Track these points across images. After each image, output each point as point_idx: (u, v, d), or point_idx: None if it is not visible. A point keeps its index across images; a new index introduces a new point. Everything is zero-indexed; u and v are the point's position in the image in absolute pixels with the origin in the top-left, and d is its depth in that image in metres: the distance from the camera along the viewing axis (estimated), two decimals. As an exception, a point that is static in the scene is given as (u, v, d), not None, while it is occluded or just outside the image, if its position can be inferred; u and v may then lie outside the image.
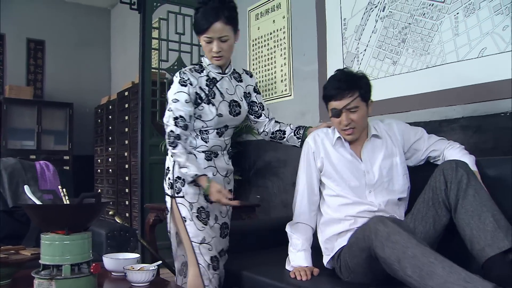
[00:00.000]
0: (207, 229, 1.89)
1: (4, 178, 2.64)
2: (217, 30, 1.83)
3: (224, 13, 1.83)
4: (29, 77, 6.37)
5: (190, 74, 1.91)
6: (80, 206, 1.49)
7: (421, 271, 1.39)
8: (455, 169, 1.63)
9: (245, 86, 2.08)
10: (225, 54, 1.90)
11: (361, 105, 1.86)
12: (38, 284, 1.42)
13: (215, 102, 1.92)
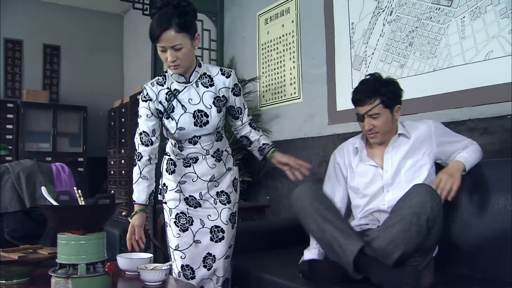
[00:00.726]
0: (184, 236, 1.91)
1: (22, 179, 2.71)
2: (168, 39, 1.72)
3: (175, 20, 1.70)
4: (45, 81, 6.49)
5: (150, 89, 1.88)
6: (95, 207, 1.53)
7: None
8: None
9: (218, 90, 1.90)
10: (181, 62, 1.78)
11: (383, 111, 1.89)
12: (55, 282, 1.45)
13: (175, 116, 1.86)
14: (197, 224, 1.93)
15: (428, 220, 1.58)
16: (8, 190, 2.67)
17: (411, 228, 1.57)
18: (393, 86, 1.93)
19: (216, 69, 1.93)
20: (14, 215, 2.64)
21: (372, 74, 1.99)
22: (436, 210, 1.60)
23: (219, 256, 1.91)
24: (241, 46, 4.13)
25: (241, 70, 4.04)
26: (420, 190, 1.63)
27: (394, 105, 1.93)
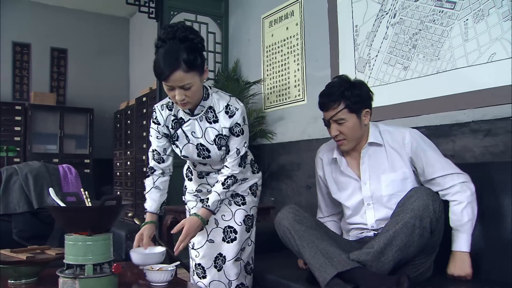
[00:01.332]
0: (199, 234, 1.90)
1: (29, 181, 2.73)
2: (177, 79, 1.61)
3: (184, 58, 1.59)
4: (53, 84, 6.54)
5: (159, 112, 1.86)
6: (102, 208, 1.54)
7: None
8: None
9: (221, 128, 1.80)
10: (190, 100, 1.69)
11: (349, 117, 1.79)
12: (63, 282, 1.46)
13: (179, 144, 1.86)
14: (211, 223, 1.93)
15: (432, 222, 1.57)
16: (16, 191, 2.70)
17: (414, 231, 1.55)
18: (360, 89, 1.81)
19: (224, 103, 1.80)
20: (22, 216, 2.65)
21: (339, 76, 1.89)
22: (438, 212, 1.59)
23: (229, 258, 1.89)
24: (245, 48, 4.14)
25: (245, 72, 4.06)
26: (421, 193, 1.60)
27: (361, 109, 1.81)
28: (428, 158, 1.80)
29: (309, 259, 1.64)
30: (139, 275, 1.75)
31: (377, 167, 1.84)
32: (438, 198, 1.63)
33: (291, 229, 1.72)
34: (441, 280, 1.71)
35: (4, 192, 2.67)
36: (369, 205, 1.84)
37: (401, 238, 1.56)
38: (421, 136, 1.86)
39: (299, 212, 1.77)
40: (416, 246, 1.58)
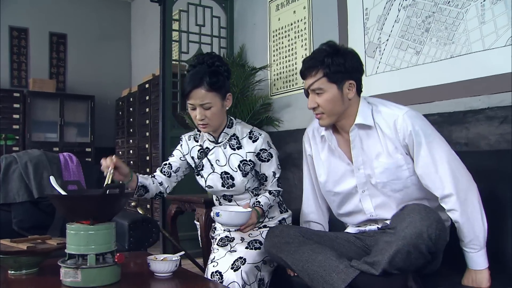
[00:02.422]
0: (221, 249, 1.91)
1: (29, 169, 2.69)
2: (198, 97, 1.76)
3: (207, 79, 1.75)
4: (52, 70, 6.48)
5: (185, 142, 2.00)
6: (104, 197, 1.51)
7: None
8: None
9: (245, 154, 1.89)
10: (210, 122, 1.80)
11: (328, 87, 1.62)
12: (65, 272, 1.44)
13: (204, 173, 1.95)
14: (237, 240, 1.93)
15: (429, 247, 1.41)
16: (15, 180, 2.65)
17: (409, 256, 1.41)
18: (344, 57, 1.62)
19: (247, 130, 1.92)
20: (22, 206, 2.62)
21: (326, 43, 1.69)
22: (435, 236, 1.41)
23: (249, 261, 1.80)
24: (251, 33, 4.07)
25: (251, 58, 4.00)
26: (414, 218, 1.42)
27: (343, 80, 1.62)
28: (420, 156, 1.60)
29: (309, 282, 1.57)
30: (143, 265, 1.72)
31: (369, 151, 1.68)
32: (435, 221, 1.42)
33: (281, 255, 1.65)
34: (448, 272, 1.65)
35: (3, 181, 2.64)
36: (363, 192, 1.71)
37: (396, 262, 1.43)
38: (417, 121, 1.62)
39: (283, 232, 1.68)
40: (415, 265, 1.45)
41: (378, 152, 1.66)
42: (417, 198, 1.65)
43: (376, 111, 1.68)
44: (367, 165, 1.68)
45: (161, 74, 3.88)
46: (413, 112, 1.64)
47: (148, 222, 2.50)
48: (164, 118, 3.85)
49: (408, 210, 1.46)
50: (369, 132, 1.68)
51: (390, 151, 1.64)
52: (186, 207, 2.93)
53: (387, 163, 1.64)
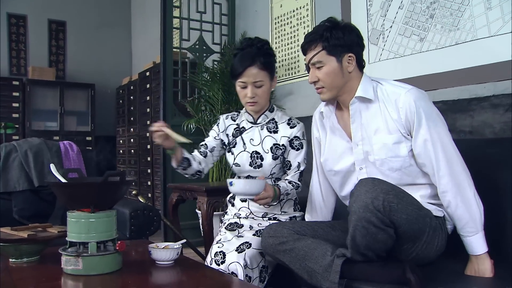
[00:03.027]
0: (229, 234, 1.94)
1: (29, 158, 2.67)
2: (251, 75, 1.85)
3: (260, 59, 1.85)
4: (51, 58, 6.43)
5: (222, 121, 2.07)
6: (105, 184, 1.49)
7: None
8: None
9: (280, 138, 1.95)
10: (259, 100, 1.90)
11: (327, 60, 1.62)
12: (66, 260, 1.44)
13: (235, 151, 2.00)
14: (246, 227, 1.96)
15: (381, 220, 1.38)
16: (15, 168, 2.64)
17: (367, 231, 1.40)
18: (343, 31, 1.63)
19: (286, 117, 2.00)
20: (22, 194, 2.61)
21: (327, 19, 1.70)
22: (384, 206, 1.37)
23: (254, 246, 1.80)
24: (253, 20, 4.04)
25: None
26: (359, 191, 1.41)
27: (342, 53, 1.62)
28: (420, 135, 1.56)
29: (308, 279, 1.56)
30: (144, 254, 1.72)
31: (369, 126, 1.65)
32: (382, 192, 1.39)
33: (278, 256, 1.65)
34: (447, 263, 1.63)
35: (3, 170, 2.62)
36: (361, 169, 1.68)
37: (359, 239, 1.42)
38: (420, 100, 1.57)
39: (277, 232, 1.66)
40: (382, 240, 1.42)
41: (378, 127, 1.63)
42: (415, 183, 1.62)
43: (379, 87, 1.67)
44: (366, 141, 1.66)
45: (162, 61, 3.85)
46: (417, 91, 1.61)
47: (149, 211, 2.49)
48: (165, 106, 3.83)
49: (357, 185, 1.46)
50: (370, 106, 1.66)
51: (390, 127, 1.61)
52: (188, 195, 2.91)
53: (386, 138, 1.61)
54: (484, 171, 1.80)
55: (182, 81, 4.05)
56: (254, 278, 1.75)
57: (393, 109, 1.60)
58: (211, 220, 2.71)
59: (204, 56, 4.07)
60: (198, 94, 4.01)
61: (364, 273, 1.47)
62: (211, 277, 1.51)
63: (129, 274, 1.47)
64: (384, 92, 1.64)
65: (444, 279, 1.46)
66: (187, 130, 3.72)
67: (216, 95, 3.65)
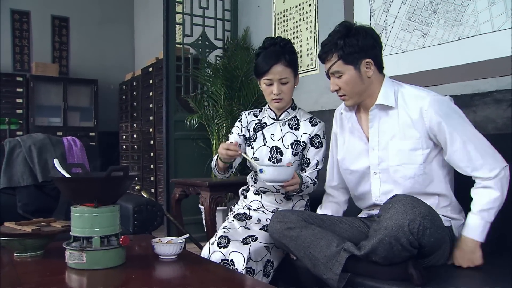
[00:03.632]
0: (236, 222, 1.96)
1: (33, 153, 2.68)
2: (277, 72, 1.87)
3: (285, 56, 1.88)
4: (55, 54, 6.44)
5: (245, 116, 2.09)
6: (108, 179, 1.49)
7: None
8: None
9: (301, 135, 1.97)
10: (285, 96, 1.92)
11: (345, 69, 1.61)
12: (70, 255, 1.44)
13: (255, 145, 2.01)
14: (254, 220, 1.96)
15: (411, 242, 1.37)
16: (19, 164, 2.65)
17: (392, 248, 1.39)
18: (357, 37, 1.60)
19: (308, 116, 2.04)
20: (26, 189, 2.62)
21: (341, 23, 1.68)
22: (418, 231, 1.36)
23: (261, 240, 1.81)
24: (255, 15, 4.03)
25: (255, 40, 3.96)
26: (397, 209, 1.39)
27: (359, 60, 1.61)
28: (448, 145, 1.55)
29: (311, 268, 1.57)
30: (147, 248, 1.72)
31: (386, 132, 1.65)
32: (420, 216, 1.37)
33: (284, 241, 1.65)
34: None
35: (7, 165, 2.63)
36: (375, 174, 1.69)
37: (380, 251, 1.41)
38: (443, 108, 1.56)
39: (285, 217, 1.67)
40: (400, 257, 1.42)
41: (394, 134, 1.63)
42: (426, 192, 1.61)
43: (400, 91, 1.66)
44: (382, 147, 1.66)
45: (165, 57, 3.85)
46: (440, 97, 1.59)
47: (152, 206, 2.50)
48: (168, 102, 3.83)
49: (395, 200, 1.44)
50: (389, 112, 1.66)
51: (406, 133, 1.60)
52: (191, 190, 2.92)
53: (402, 144, 1.61)
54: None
55: (185, 77, 4.05)
56: (258, 271, 1.75)
57: (415, 115, 1.59)
58: (214, 215, 2.72)
59: (206, 51, 4.07)
60: (201, 90, 4.01)
61: (366, 269, 1.48)
62: (214, 271, 1.52)
63: (132, 269, 1.48)
64: (406, 97, 1.63)
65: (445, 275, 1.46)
66: (190, 125, 3.73)
67: (219, 91, 3.65)
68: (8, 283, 1.32)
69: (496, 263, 1.54)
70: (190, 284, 1.37)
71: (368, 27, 1.67)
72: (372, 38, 1.64)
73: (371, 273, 1.46)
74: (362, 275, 1.48)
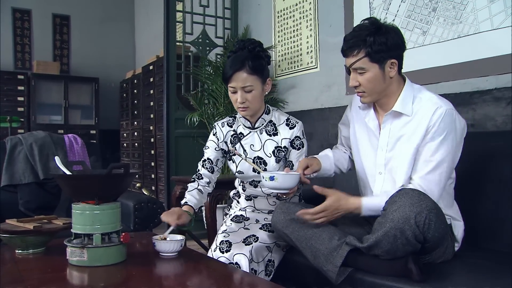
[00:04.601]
0: (235, 225, 1.94)
1: (35, 151, 2.69)
2: (240, 80, 1.78)
3: (249, 63, 1.77)
4: (56, 52, 6.45)
5: (219, 129, 1.99)
6: (109, 176, 1.50)
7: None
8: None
9: (280, 140, 1.91)
10: (250, 105, 1.82)
11: (370, 66, 1.57)
12: (71, 252, 1.45)
13: (236, 159, 1.95)
14: (252, 220, 1.96)
15: (416, 235, 1.38)
16: (21, 161, 2.66)
17: (396, 241, 1.39)
18: (386, 36, 1.56)
19: (284, 117, 1.95)
20: (28, 187, 2.63)
21: (368, 18, 1.63)
22: (424, 224, 1.37)
23: (262, 240, 1.80)
24: (256, 13, 4.03)
25: (255, 38, 3.88)
26: (404, 201, 1.39)
27: (385, 60, 1.57)
28: (430, 148, 1.56)
29: (312, 260, 1.59)
30: (148, 245, 1.73)
31: (395, 135, 1.65)
32: (426, 209, 1.37)
33: (286, 232, 1.67)
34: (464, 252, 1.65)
35: (9, 163, 2.64)
36: (380, 173, 1.70)
37: (384, 244, 1.42)
38: (451, 121, 1.55)
39: (289, 209, 1.70)
40: (403, 251, 1.43)
41: (402, 135, 1.63)
42: None
43: (417, 99, 1.62)
44: (390, 148, 1.66)
45: (165, 55, 3.85)
46: (454, 112, 1.57)
47: (153, 203, 2.51)
48: (169, 99, 3.84)
49: (401, 193, 1.44)
50: (403, 117, 1.64)
51: (413, 137, 1.60)
52: (191, 188, 2.92)
53: (407, 147, 1.61)
54: (486, 164, 1.82)
55: (186, 75, 4.05)
56: (260, 271, 1.76)
57: (425, 119, 1.57)
58: (214, 213, 2.73)
59: (207, 49, 4.07)
60: (201, 88, 4.02)
61: (366, 263, 1.49)
62: (215, 268, 1.52)
63: (133, 266, 1.49)
64: (422, 106, 1.60)
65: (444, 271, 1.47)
66: (191, 123, 3.74)
67: (219, 89, 3.66)
68: (10, 280, 1.33)
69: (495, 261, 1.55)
70: (191, 281, 1.38)
71: (395, 27, 1.64)
72: (400, 38, 1.62)
73: (371, 267, 1.47)
74: (362, 269, 1.49)
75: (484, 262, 1.54)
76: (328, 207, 1.57)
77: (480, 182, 1.83)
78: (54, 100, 6.13)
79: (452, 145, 1.56)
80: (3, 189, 2.58)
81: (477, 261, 1.55)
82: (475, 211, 1.79)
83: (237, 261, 1.72)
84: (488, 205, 1.78)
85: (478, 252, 1.67)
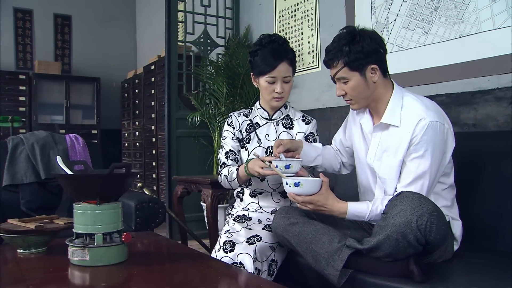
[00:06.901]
0: (237, 225, 1.94)
1: (36, 150, 2.69)
2: (282, 71, 1.85)
3: (289, 56, 1.88)
4: (57, 52, 6.46)
5: (235, 118, 2.04)
6: (111, 176, 1.50)
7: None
8: None
9: (295, 134, 1.98)
10: (286, 95, 1.91)
11: (351, 75, 1.60)
12: (73, 251, 1.45)
13: (249, 147, 1.98)
14: (254, 220, 1.95)
15: (417, 238, 1.39)
16: (22, 161, 2.66)
17: (398, 244, 1.40)
18: (362, 43, 1.57)
19: (299, 114, 2.03)
20: (29, 186, 2.63)
21: (347, 27, 1.66)
22: (425, 227, 1.37)
23: (265, 240, 1.81)
24: (257, 13, 4.03)
25: (257, 38, 3.90)
26: (405, 205, 1.40)
27: (364, 66, 1.59)
28: (413, 159, 1.57)
29: (313, 264, 1.59)
30: (149, 245, 1.75)
31: (384, 145, 1.66)
32: (427, 212, 1.38)
33: (286, 237, 1.67)
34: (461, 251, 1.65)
35: (11, 163, 2.64)
36: (373, 178, 1.75)
37: (385, 247, 1.42)
38: (438, 134, 1.55)
39: (289, 213, 1.71)
40: (404, 253, 1.43)
41: (389, 147, 1.64)
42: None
43: (405, 106, 1.63)
44: (377, 158, 1.68)
45: (167, 55, 3.86)
46: (436, 124, 1.55)
47: (154, 203, 2.51)
48: (170, 99, 3.84)
49: (402, 197, 1.45)
50: (392, 128, 1.64)
51: (399, 149, 1.60)
52: (193, 188, 2.93)
53: (392, 160, 1.62)
54: (487, 164, 1.82)
55: (187, 75, 4.05)
56: (263, 271, 1.76)
57: (408, 130, 1.57)
58: (216, 213, 2.73)
59: (208, 49, 4.08)
60: (203, 88, 4.02)
61: (367, 265, 1.49)
62: (217, 268, 1.52)
63: (134, 265, 1.49)
64: (407, 116, 1.60)
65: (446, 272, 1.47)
66: (192, 123, 3.74)
67: (221, 88, 3.66)
68: (11, 280, 1.33)
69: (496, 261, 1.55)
70: (193, 280, 1.38)
71: (371, 31, 1.65)
72: (376, 43, 1.62)
73: (372, 269, 1.47)
74: (363, 271, 1.49)
75: (485, 262, 1.54)
76: (316, 201, 1.59)
77: (481, 181, 1.82)
78: (55, 100, 6.13)
79: (435, 157, 1.55)
80: (4, 189, 2.58)
81: (478, 261, 1.55)
82: (475, 211, 1.79)
83: (241, 260, 1.72)
84: (489, 205, 1.78)
85: (478, 252, 1.67)
